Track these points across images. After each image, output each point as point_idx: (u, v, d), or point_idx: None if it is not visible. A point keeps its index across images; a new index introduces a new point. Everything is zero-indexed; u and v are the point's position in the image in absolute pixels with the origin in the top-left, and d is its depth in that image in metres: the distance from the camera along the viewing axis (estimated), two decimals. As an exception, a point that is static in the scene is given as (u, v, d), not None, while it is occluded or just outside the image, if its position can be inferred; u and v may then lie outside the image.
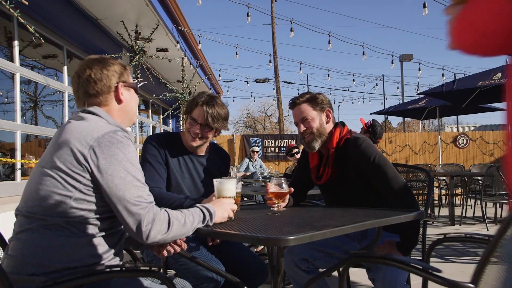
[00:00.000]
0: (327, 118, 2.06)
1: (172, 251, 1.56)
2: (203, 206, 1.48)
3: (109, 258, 1.31)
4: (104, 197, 1.26)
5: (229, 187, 1.68)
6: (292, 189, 1.86)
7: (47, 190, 1.22)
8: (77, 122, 1.30)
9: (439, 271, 1.12)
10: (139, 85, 1.53)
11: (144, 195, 1.28)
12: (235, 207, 1.61)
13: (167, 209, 1.33)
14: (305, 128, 2.02)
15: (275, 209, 1.81)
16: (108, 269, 1.21)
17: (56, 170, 1.22)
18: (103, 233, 1.29)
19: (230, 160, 2.30)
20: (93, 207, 1.25)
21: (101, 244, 1.28)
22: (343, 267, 1.23)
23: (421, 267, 1.14)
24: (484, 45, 0.82)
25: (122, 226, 1.40)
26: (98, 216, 1.27)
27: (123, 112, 1.43)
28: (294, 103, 2.07)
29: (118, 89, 1.40)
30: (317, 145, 2.03)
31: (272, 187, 1.79)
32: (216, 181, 1.70)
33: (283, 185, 1.79)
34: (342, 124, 2.12)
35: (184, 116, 2.12)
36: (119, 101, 1.42)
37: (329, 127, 2.07)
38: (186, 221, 1.35)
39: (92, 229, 1.26)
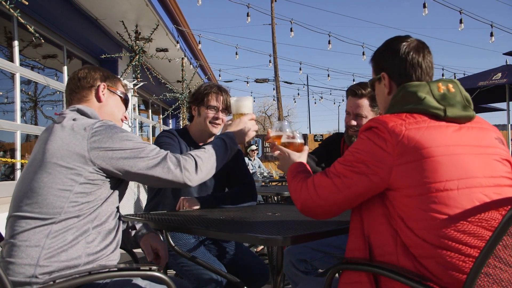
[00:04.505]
0: None
1: None
2: (220, 134, 1.55)
3: (107, 254, 1.31)
4: (124, 175, 1.30)
5: (246, 103, 1.68)
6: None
7: (45, 187, 1.22)
8: (64, 121, 1.31)
9: (429, 280, 1.01)
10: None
11: (157, 149, 1.35)
12: (253, 121, 1.65)
13: (186, 152, 1.42)
14: (356, 124, 2.00)
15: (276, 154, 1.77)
16: (107, 269, 1.21)
17: (55, 166, 1.23)
18: (100, 229, 1.30)
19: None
20: (91, 198, 1.27)
21: (97, 240, 1.29)
22: (328, 274, 1.23)
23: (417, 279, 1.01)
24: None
25: (118, 222, 1.41)
26: (95, 210, 1.28)
27: (103, 113, 1.46)
28: (355, 93, 2.00)
29: (99, 87, 1.46)
30: None
31: (273, 132, 1.72)
32: (233, 99, 1.70)
33: (287, 129, 1.74)
34: None
35: (194, 108, 2.11)
36: (98, 98, 1.46)
37: None
38: (210, 152, 1.44)
39: (89, 225, 1.27)
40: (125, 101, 1.56)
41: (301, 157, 1.50)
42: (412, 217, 1.06)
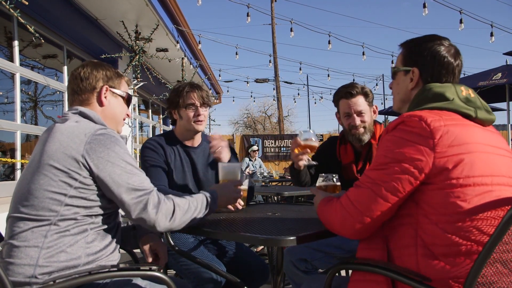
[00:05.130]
0: (373, 114, 2.10)
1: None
2: (205, 191, 1.50)
3: (107, 254, 1.31)
4: (104, 191, 1.26)
5: (234, 170, 1.68)
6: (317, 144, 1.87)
7: (41, 189, 1.22)
8: (67, 123, 1.31)
9: (429, 279, 1.02)
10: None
11: (146, 181, 1.31)
12: (240, 190, 1.64)
13: (170, 195, 1.36)
14: (361, 121, 2.02)
15: (305, 162, 1.81)
16: (107, 269, 1.21)
17: (51, 168, 1.22)
18: (98, 230, 1.30)
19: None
20: (88, 204, 1.26)
21: (96, 240, 1.28)
22: (329, 273, 1.23)
23: (419, 279, 1.02)
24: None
25: (117, 222, 1.41)
26: (93, 212, 1.27)
27: (106, 117, 1.44)
28: (350, 94, 2.03)
29: (101, 90, 1.43)
30: (366, 138, 2.05)
31: (302, 141, 1.79)
32: (220, 165, 1.70)
33: (313, 137, 1.80)
34: (378, 121, 2.18)
35: (174, 112, 2.09)
36: (100, 102, 1.43)
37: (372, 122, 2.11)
38: (190, 205, 1.38)
39: (87, 226, 1.26)
40: (128, 100, 1.54)
41: None
42: (440, 211, 1.05)
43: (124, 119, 1.54)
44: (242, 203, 1.77)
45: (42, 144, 1.28)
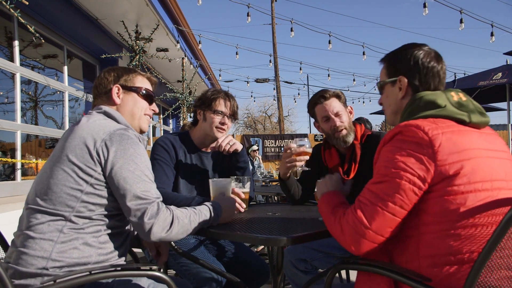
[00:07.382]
0: (349, 114, 2.12)
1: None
2: (210, 204, 1.49)
3: (116, 258, 1.33)
4: (112, 190, 1.28)
5: (225, 186, 1.68)
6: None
7: (59, 184, 1.24)
8: (89, 120, 1.34)
9: (429, 280, 1.02)
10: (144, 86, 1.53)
11: (152, 190, 1.30)
12: (243, 205, 1.63)
13: (171, 207, 1.35)
14: (341, 122, 2.03)
15: (299, 169, 1.87)
16: (107, 269, 1.21)
17: (69, 164, 1.25)
18: (111, 231, 1.31)
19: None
20: (104, 202, 1.27)
21: (109, 242, 1.30)
22: (329, 273, 1.23)
23: (418, 279, 1.01)
24: None
25: (129, 226, 1.42)
26: (107, 212, 1.29)
27: (124, 115, 1.46)
28: (324, 97, 2.06)
29: (112, 91, 1.46)
30: (351, 138, 2.06)
31: (295, 148, 1.86)
32: (211, 181, 1.71)
33: (307, 145, 1.87)
34: (358, 121, 2.17)
35: (200, 112, 2.09)
36: (112, 102, 1.46)
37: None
38: (191, 219, 1.37)
39: (101, 226, 1.28)
40: (146, 95, 1.53)
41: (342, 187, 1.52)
42: (440, 219, 1.04)
43: (150, 116, 1.55)
44: (244, 205, 1.78)
45: (63, 140, 1.31)
